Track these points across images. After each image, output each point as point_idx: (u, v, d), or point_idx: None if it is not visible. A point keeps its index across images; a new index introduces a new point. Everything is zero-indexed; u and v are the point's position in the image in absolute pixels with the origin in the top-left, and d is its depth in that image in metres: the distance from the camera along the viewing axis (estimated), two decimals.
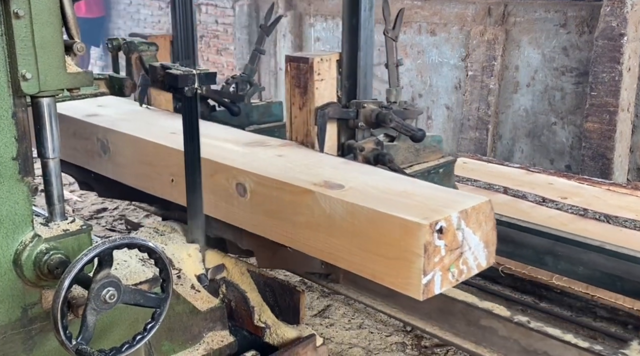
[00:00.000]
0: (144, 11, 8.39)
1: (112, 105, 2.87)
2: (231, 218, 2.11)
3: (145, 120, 2.59)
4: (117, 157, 2.46)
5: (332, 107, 2.32)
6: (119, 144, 2.42)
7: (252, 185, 1.98)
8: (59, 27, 1.46)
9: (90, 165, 2.61)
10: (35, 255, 1.47)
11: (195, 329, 1.98)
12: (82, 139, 2.59)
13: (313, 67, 2.28)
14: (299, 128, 2.37)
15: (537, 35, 4.78)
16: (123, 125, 2.48)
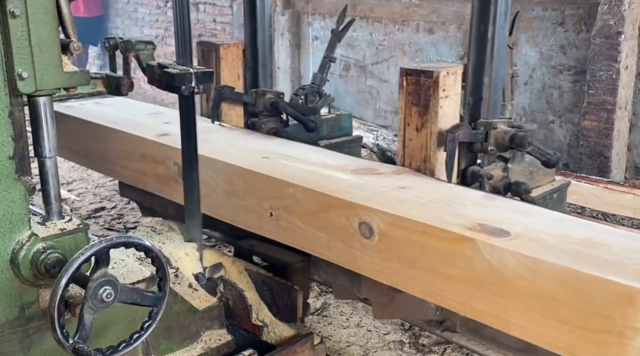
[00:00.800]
0: (142, 10, 8.38)
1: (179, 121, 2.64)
2: (350, 263, 1.80)
3: (226, 141, 2.33)
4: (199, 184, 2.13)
5: (462, 130, 1.99)
6: (200, 170, 2.09)
7: (382, 226, 1.68)
8: (55, 26, 1.47)
9: (164, 191, 2.31)
10: (32, 254, 1.48)
11: (192, 328, 1.98)
12: (154, 163, 2.31)
13: (438, 81, 1.96)
14: (415, 153, 2.06)
15: (535, 33, 4.79)
16: (203, 147, 2.14)
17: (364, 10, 5.89)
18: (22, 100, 1.48)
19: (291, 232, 1.92)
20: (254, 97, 2.55)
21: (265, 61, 2.66)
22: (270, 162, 2.08)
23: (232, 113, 2.66)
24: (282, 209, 1.92)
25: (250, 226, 2.07)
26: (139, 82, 3.15)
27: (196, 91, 2.04)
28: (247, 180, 2.03)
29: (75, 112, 2.74)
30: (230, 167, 2.08)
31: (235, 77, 2.71)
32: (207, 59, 2.69)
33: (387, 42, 5.80)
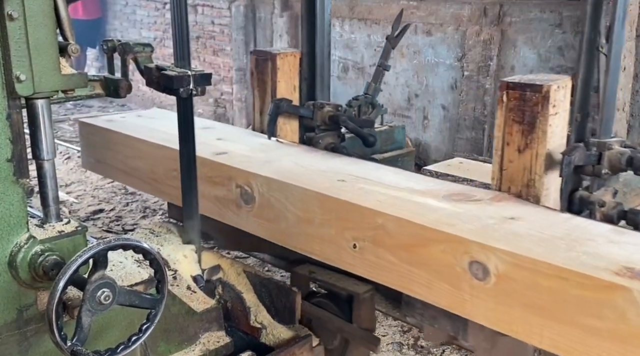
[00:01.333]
0: (140, 12, 8.39)
1: (234, 137, 2.40)
2: (458, 307, 1.59)
3: (291, 160, 2.14)
4: (265, 209, 1.99)
5: (579, 152, 1.79)
6: (268, 194, 1.95)
7: (500, 267, 1.46)
8: (53, 28, 1.47)
9: (223, 216, 2.13)
10: (30, 257, 1.47)
11: (191, 330, 1.98)
12: (212, 184, 2.13)
13: (548, 97, 1.74)
14: (515, 177, 1.83)
15: (533, 35, 4.80)
16: (268, 167, 2.01)
17: (362, 12, 5.90)
18: (20, 103, 1.48)
19: (379, 267, 1.72)
20: (311, 111, 2.38)
21: (324, 71, 2.47)
22: (348, 186, 1.89)
23: (287, 127, 2.45)
24: (369, 241, 1.72)
25: (327, 257, 1.87)
26: (137, 84, 3.14)
27: (194, 93, 2.04)
28: (324, 207, 1.83)
29: (117, 126, 2.55)
30: (303, 191, 1.88)
31: (291, 88, 2.50)
32: (262, 69, 2.49)
33: None
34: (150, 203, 4.72)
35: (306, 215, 1.89)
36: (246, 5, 6.91)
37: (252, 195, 2.00)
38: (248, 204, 2.03)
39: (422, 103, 5.62)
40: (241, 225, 2.08)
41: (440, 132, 5.51)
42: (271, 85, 2.44)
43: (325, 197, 1.83)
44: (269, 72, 2.46)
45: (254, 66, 2.52)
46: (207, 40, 7.42)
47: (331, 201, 1.82)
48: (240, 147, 2.27)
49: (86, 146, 2.71)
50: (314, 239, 1.88)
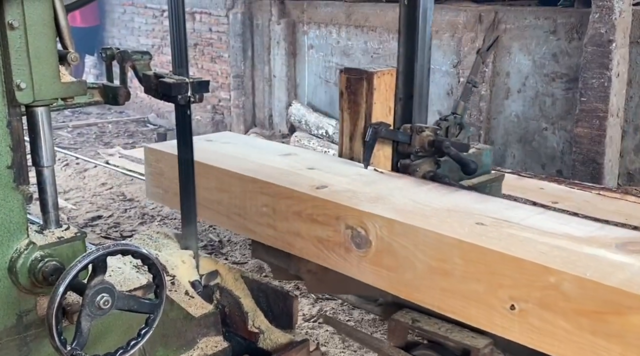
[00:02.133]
0: (138, 19, 8.42)
1: (326, 166, 2.14)
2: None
3: (405, 196, 1.88)
4: (384, 256, 1.72)
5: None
6: (390, 238, 1.68)
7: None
8: (53, 37, 1.49)
9: (327, 260, 1.86)
10: (30, 262, 1.49)
11: (189, 335, 1.99)
12: (314, 223, 1.88)
13: None
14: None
15: (528, 41, 4.83)
16: (384, 206, 1.76)
17: (359, 19, 5.94)
18: (20, 110, 1.50)
19: (547, 334, 1.45)
20: (408, 135, 2.16)
21: (422, 91, 2.24)
22: (492, 231, 1.61)
23: (380, 153, 2.20)
24: (534, 302, 1.45)
25: (471, 318, 1.60)
26: (135, 91, 3.16)
27: (192, 100, 2.06)
28: (468, 258, 1.56)
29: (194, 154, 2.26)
30: (438, 237, 1.61)
31: (386, 111, 2.26)
32: (355, 89, 2.22)
33: (382, 50, 5.84)
34: (149, 209, 4.73)
35: (442, 266, 1.61)
36: (243, 13, 6.95)
37: (367, 238, 1.74)
38: (361, 248, 1.77)
39: None
40: (351, 272, 1.81)
41: None
42: (366, 107, 2.20)
43: (469, 246, 1.55)
44: (363, 93, 2.21)
45: (345, 86, 2.26)
46: (205, 47, 7.45)
47: (477, 251, 1.54)
48: (339, 179, 2.02)
49: (153, 175, 2.40)
50: (453, 295, 1.60)
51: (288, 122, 6.71)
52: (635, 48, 4.31)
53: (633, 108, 4.41)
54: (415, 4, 2.15)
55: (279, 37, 6.61)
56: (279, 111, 6.83)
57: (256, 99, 7.14)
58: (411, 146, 2.17)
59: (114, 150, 6.39)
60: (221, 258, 3.77)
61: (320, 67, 6.43)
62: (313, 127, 6.30)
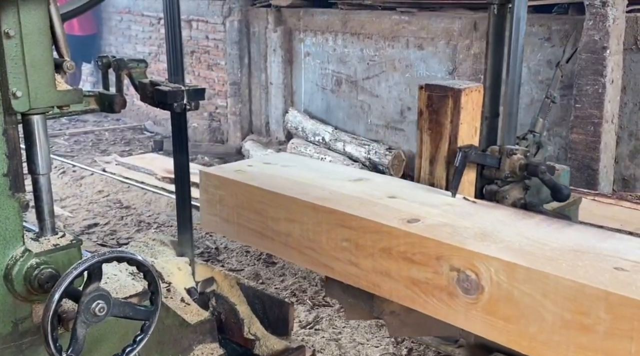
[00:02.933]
0: (135, 27, 8.45)
1: (406, 194, 1.92)
2: None
3: (514, 232, 1.65)
4: (501, 304, 1.50)
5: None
6: (509, 284, 1.47)
7: None
8: (49, 46, 1.50)
9: (424, 305, 1.65)
10: (25, 270, 1.49)
11: (185, 342, 1.99)
12: (408, 262, 1.65)
13: None
14: None
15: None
16: (495, 245, 1.55)
17: (355, 26, 5.97)
18: (16, 119, 1.51)
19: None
20: (497, 159, 1.96)
21: (512, 109, 2.02)
22: (636, 279, 1.39)
23: (464, 179, 1.96)
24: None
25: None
26: (132, 99, 3.17)
27: (188, 108, 2.07)
28: (617, 313, 1.33)
29: (252, 179, 2.09)
30: (575, 286, 1.39)
31: (472, 131, 2.05)
32: (438, 108, 2.00)
33: (378, 57, 5.87)
34: (145, 217, 4.74)
35: (581, 320, 1.39)
36: (240, 20, 6.98)
37: (479, 283, 1.53)
38: (470, 294, 1.55)
39: (415, 117, 5.66)
40: (455, 320, 1.60)
41: None
42: (451, 128, 1.98)
43: (618, 298, 1.33)
44: (448, 112, 1.99)
45: (425, 104, 2.04)
46: (202, 54, 7.47)
47: (629, 304, 1.32)
48: (429, 210, 1.80)
49: (209, 202, 2.21)
50: (595, 354, 1.38)
51: (285, 129, 6.72)
52: (629, 55, 4.34)
53: (627, 114, 4.44)
54: (505, 14, 1.97)
55: (276, 44, 6.64)
56: (275, 118, 6.85)
57: (253, 106, 7.16)
58: (500, 171, 1.97)
59: (110, 158, 6.39)
60: (217, 265, 3.77)
61: (317, 75, 6.45)
62: (310, 133, 6.32)
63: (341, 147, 5.99)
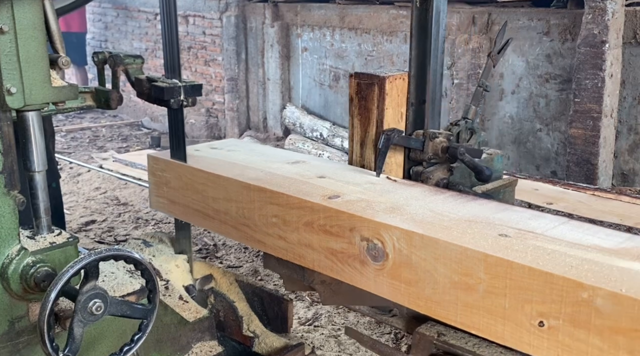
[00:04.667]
0: (131, 23, 8.41)
1: (336, 174, 2.09)
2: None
3: (421, 206, 1.82)
4: (403, 269, 1.66)
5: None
6: (408, 250, 1.63)
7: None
8: (43, 41, 1.48)
9: (341, 273, 1.80)
10: (21, 268, 1.48)
11: (183, 339, 1.98)
12: (327, 235, 1.81)
13: None
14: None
15: (521, 43, 4.84)
16: (401, 216, 1.72)
17: (353, 21, 5.94)
18: (11, 115, 1.49)
19: (581, 353, 1.40)
20: (421, 142, 2.12)
21: (435, 96, 2.19)
22: (517, 244, 1.55)
23: (392, 161, 2.14)
24: (565, 319, 1.40)
25: (497, 335, 1.54)
26: (129, 95, 3.15)
27: (185, 104, 2.06)
28: (494, 272, 1.49)
29: (196, 162, 2.23)
30: (460, 250, 1.55)
31: (398, 116, 2.20)
32: (366, 95, 2.17)
33: (376, 52, 5.85)
34: (143, 214, 4.72)
35: (465, 280, 1.55)
36: (237, 16, 6.95)
37: (384, 250, 1.68)
38: (377, 261, 1.70)
39: None
40: (366, 286, 1.76)
41: None
42: (377, 113, 2.13)
43: (494, 259, 1.49)
44: (374, 98, 2.14)
45: (355, 91, 2.21)
46: (199, 50, 7.45)
47: (503, 264, 1.47)
48: (352, 188, 1.95)
49: (157, 184, 2.32)
50: (477, 311, 1.54)
51: (282, 124, 6.71)
52: (628, 48, 4.33)
53: (627, 108, 4.43)
54: (428, 6, 2.09)
55: (273, 40, 6.61)
56: (273, 114, 6.83)
57: (250, 102, 7.14)
58: (424, 153, 2.11)
59: (107, 154, 6.37)
60: (216, 262, 3.76)
61: (314, 70, 6.43)
62: (307, 129, 6.30)
63: (339, 143, 5.98)
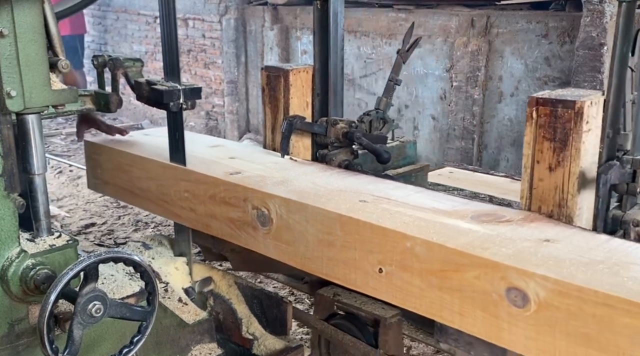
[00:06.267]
0: (131, 26, 8.43)
1: (247, 156, 2.34)
2: (494, 336, 1.51)
3: (307, 179, 2.06)
4: (283, 232, 1.90)
5: (615, 170, 1.73)
6: (287, 216, 1.87)
7: (542, 294, 1.39)
8: (43, 45, 1.49)
9: (238, 238, 2.04)
10: (21, 271, 1.49)
11: (182, 342, 1.99)
12: (226, 205, 2.04)
13: (582, 113, 1.68)
14: (546, 196, 1.76)
15: (520, 45, 4.86)
16: (284, 187, 1.95)
17: (352, 24, 5.95)
18: (11, 118, 1.50)
19: (408, 293, 1.65)
20: (324, 127, 2.34)
21: (337, 87, 2.42)
22: (371, 207, 1.80)
23: (300, 145, 2.40)
24: (396, 265, 1.65)
25: (351, 282, 1.79)
26: (129, 98, 3.15)
27: (184, 107, 2.06)
28: (347, 229, 1.75)
29: (125, 146, 2.46)
30: (325, 212, 1.79)
31: (304, 105, 2.46)
32: (274, 86, 2.43)
33: (375, 55, 5.86)
34: (142, 216, 4.72)
35: (327, 238, 1.80)
36: (237, 19, 6.96)
37: (270, 216, 1.91)
38: (265, 226, 1.94)
39: (412, 114, 5.67)
40: (258, 248, 1.99)
41: (431, 142, 5.56)
42: (284, 102, 2.39)
43: (347, 219, 1.74)
44: (281, 89, 2.40)
45: (265, 83, 2.46)
46: (199, 53, 7.46)
47: (353, 223, 1.73)
48: (255, 166, 2.18)
49: (92, 167, 2.57)
50: (337, 263, 1.79)
51: None
52: None
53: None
54: (327, 7, 2.34)
55: (272, 42, 6.62)
56: None
57: (250, 105, 7.15)
58: (327, 137, 2.34)
59: None
60: (215, 264, 3.76)
61: None
62: None
63: None
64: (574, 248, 1.52)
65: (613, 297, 1.30)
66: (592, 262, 1.45)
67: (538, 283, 1.40)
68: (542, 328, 1.42)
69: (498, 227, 1.66)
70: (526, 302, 1.42)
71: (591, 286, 1.33)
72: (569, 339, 1.38)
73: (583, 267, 1.43)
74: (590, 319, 1.33)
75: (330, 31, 2.37)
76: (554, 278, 1.38)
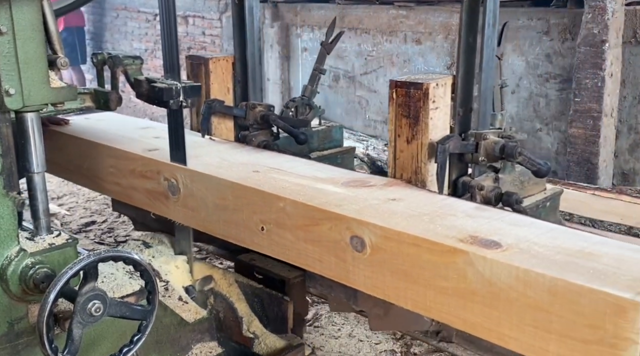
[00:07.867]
0: (131, 24, 8.42)
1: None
2: (343, 277, 1.79)
3: (217, 155, 2.29)
4: (189, 199, 2.13)
5: (453, 141, 1.99)
6: (191, 185, 2.11)
7: (374, 240, 1.66)
8: (42, 42, 1.48)
9: (154, 207, 2.28)
10: (20, 270, 1.48)
11: (183, 341, 1.98)
12: (144, 178, 2.27)
13: (428, 93, 1.95)
14: (405, 165, 2.04)
15: (521, 42, 4.84)
16: (193, 161, 2.17)
17: (352, 21, 5.94)
18: (10, 116, 1.49)
19: (283, 246, 1.89)
20: (244, 111, 2.55)
21: (255, 74, 2.66)
22: (261, 176, 2.05)
23: (222, 126, 2.65)
24: (273, 223, 1.89)
25: (241, 240, 2.02)
26: (129, 96, 3.15)
27: (184, 105, 2.06)
28: (237, 194, 1.99)
29: (65, 128, 2.71)
30: (220, 181, 2.04)
31: (225, 90, 2.71)
32: (197, 73, 2.67)
33: (376, 52, 5.85)
34: None
35: (222, 203, 2.04)
36: None
37: (178, 186, 2.16)
38: (175, 195, 2.18)
39: None
40: (170, 215, 2.24)
41: None
42: (205, 88, 2.62)
43: (237, 186, 1.99)
44: (202, 76, 2.65)
45: (189, 70, 2.72)
46: (199, 51, 7.44)
47: (241, 189, 1.98)
48: None
49: (50, 151, 2.89)
50: (230, 224, 2.03)
51: None
52: (628, 48, 4.32)
53: (627, 108, 4.42)
54: (243, 3, 2.57)
55: (273, 40, 6.61)
56: None
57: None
58: (247, 119, 2.56)
59: None
60: (216, 262, 3.75)
61: None
62: None
63: None
64: (411, 205, 1.81)
65: (419, 239, 1.57)
66: (420, 214, 1.73)
67: (371, 230, 1.67)
68: (375, 268, 1.69)
69: (359, 190, 1.94)
70: (364, 247, 1.69)
71: (407, 231, 1.61)
72: (393, 275, 1.65)
73: (409, 217, 1.71)
74: (405, 258, 1.61)
75: (247, 24, 2.59)
76: (382, 225, 1.65)
